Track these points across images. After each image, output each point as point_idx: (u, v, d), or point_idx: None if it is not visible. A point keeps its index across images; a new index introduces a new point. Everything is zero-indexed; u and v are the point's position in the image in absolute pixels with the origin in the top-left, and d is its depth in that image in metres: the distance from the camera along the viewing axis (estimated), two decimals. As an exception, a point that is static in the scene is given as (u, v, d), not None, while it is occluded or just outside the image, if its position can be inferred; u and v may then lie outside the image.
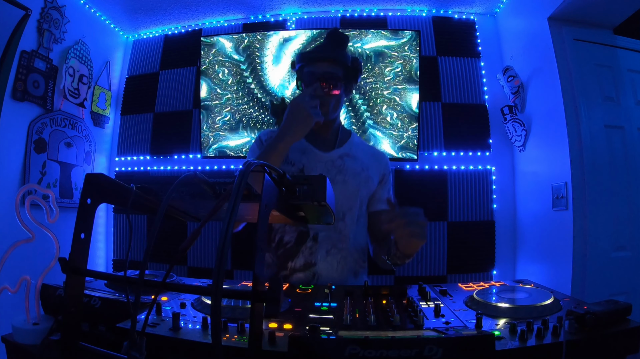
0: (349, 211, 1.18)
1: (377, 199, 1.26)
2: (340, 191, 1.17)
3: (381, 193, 1.26)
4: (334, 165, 1.20)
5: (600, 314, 0.62)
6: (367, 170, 1.22)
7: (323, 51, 1.19)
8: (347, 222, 1.18)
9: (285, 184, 0.53)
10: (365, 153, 1.27)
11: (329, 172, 1.18)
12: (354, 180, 1.18)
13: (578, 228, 1.77)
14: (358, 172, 1.20)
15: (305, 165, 1.19)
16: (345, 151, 1.23)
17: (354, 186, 1.18)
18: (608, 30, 1.98)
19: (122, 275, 0.51)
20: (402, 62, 2.28)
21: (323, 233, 1.16)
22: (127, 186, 0.55)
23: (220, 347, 0.36)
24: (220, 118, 2.40)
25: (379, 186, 1.26)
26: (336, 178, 1.17)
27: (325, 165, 1.19)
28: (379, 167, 1.26)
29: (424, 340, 0.52)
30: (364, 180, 1.20)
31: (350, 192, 1.18)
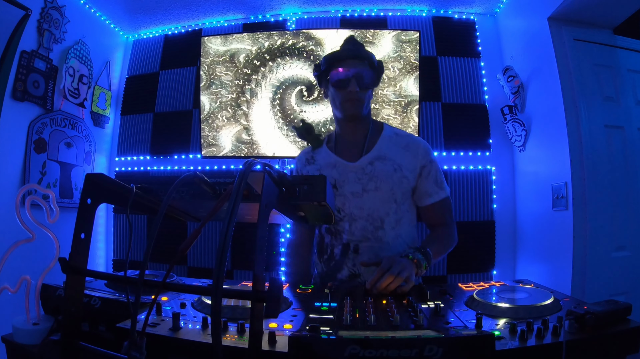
0: (387, 217, 1.16)
1: (423, 193, 1.20)
2: (374, 198, 1.15)
3: (425, 186, 1.20)
4: (365, 172, 1.17)
5: (600, 314, 0.62)
6: (401, 170, 1.17)
7: (351, 51, 1.19)
8: (387, 229, 1.16)
9: (285, 184, 0.52)
10: (397, 148, 1.20)
11: (361, 181, 1.17)
12: (386, 184, 1.16)
13: (578, 228, 1.77)
14: (390, 174, 1.17)
15: (336, 179, 1.19)
16: (375, 154, 1.19)
17: (387, 190, 1.16)
18: (608, 30, 1.98)
19: (122, 275, 0.51)
20: (402, 61, 2.28)
21: (363, 244, 1.15)
22: (127, 186, 0.55)
23: (220, 347, 0.36)
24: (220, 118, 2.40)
25: (421, 179, 1.20)
26: (368, 185, 1.16)
27: (355, 174, 1.18)
28: (414, 160, 1.19)
29: (424, 340, 0.52)
30: (397, 181, 1.16)
31: (385, 197, 1.16)
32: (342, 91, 1.15)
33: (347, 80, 1.13)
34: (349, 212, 1.16)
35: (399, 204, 1.18)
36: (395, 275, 0.90)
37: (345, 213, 1.17)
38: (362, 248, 1.15)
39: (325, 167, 1.22)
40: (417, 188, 1.21)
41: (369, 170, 1.18)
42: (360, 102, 1.16)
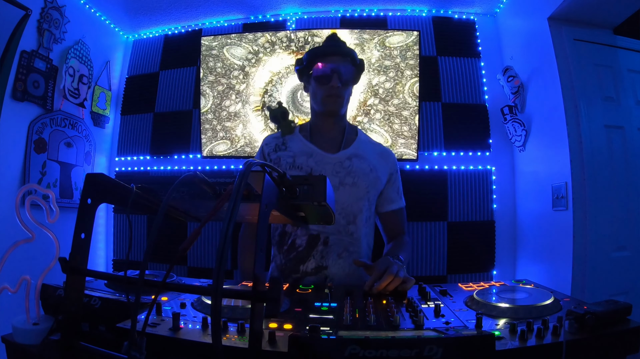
0: (360, 214, 1.17)
1: (386, 199, 1.25)
2: (351, 193, 1.16)
3: (390, 192, 1.25)
4: (342, 166, 1.19)
5: (600, 314, 0.62)
6: (376, 171, 1.21)
7: (334, 47, 1.20)
8: (359, 225, 1.17)
9: (286, 184, 0.52)
10: (372, 152, 1.25)
11: (338, 174, 1.17)
12: (363, 181, 1.17)
13: (578, 228, 1.77)
14: (367, 172, 1.19)
15: (313, 168, 1.18)
16: (352, 151, 1.22)
17: (363, 187, 1.17)
18: (608, 30, 1.98)
19: (122, 275, 0.51)
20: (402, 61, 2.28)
21: (334, 236, 1.15)
22: (127, 186, 0.55)
23: (220, 347, 0.36)
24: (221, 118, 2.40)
25: (387, 186, 1.25)
26: (345, 179, 1.17)
27: (333, 167, 1.18)
28: (387, 165, 1.25)
29: (424, 340, 0.52)
30: (372, 181, 1.19)
31: (360, 194, 1.17)
32: (324, 86, 1.17)
33: (329, 75, 1.15)
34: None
35: (370, 203, 1.21)
36: (394, 274, 0.90)
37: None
38: (331, 240, 1.15)
39: (300, 154, 1.21)
40: (382, 193, 1.25)
41: (347, 165, 1.19)
42: (340, 98, 1.18)
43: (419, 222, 2.27)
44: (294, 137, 1.26)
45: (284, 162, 1.21)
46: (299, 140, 1.25)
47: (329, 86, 1.16)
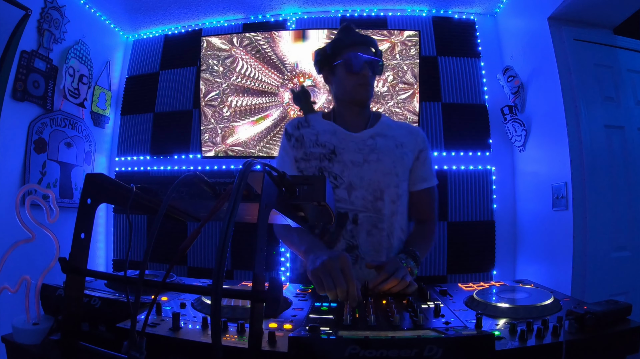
0: (387, 189, 1.15)
1: (417, 177, 1.22)
2: (376, 169, 1.15)
3: (421, 170, 1.23)
4: (366, 144, 1.17)
5: (600, 314, 0.62)
6: (402, 147, 1.19)
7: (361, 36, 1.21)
8: (386, 201, 1.15)
9: (285, 184, 0.52)
10: (398, 130, 1.24)
11: (362, 151, 1.16)
12: (388, 157, 1.16)
13: (578, 228, 1.77)
14: (392, 148, 1.18)
15: (336, 145, 1.17)
16: (376, 131, 1.21)
17: (389, 163, 1.16)
18: (608, 30, 1.98)
19: (122, 275, 0.51)
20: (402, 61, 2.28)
21: (363, 214, 1.13)
22: (127, 186, 0.55)
23: (220, 347, 0.36)
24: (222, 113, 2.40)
25: (417, 163, 1.22)
26: (370, 156, 1.16)
27: (356, 144, 1.17)
28: (415, 143, 1.22)
29: (424, 340, 0.52)
30: (399, 157, 1.18)
31: (386, 170, 1.15)
32: (355, 75, 1.16)
33: (361, 65, 1.15)
34: (348, 180, 1.14)
35: (400, 179, 1.18)
36: (399, 279, 0.90)
37: (344, 181, 1.15)
38: (360, 218, 1.13)
39: (324, 132, 1.20)
40: (413, 171, 1.22)
41: (370, 143, 1.18)
42: (371, 86, 1.18)
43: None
44: (316, 117, 1.26)
45: (307, 139, 1.20)
46: (322, 121, 1.25)
47: (361, 74, 1.15)
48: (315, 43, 2.31)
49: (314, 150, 1.18)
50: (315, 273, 0.81)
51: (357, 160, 1.15)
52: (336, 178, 1.15)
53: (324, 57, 1.22)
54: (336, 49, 1.20)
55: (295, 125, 1.25)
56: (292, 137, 1.23)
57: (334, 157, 1.16)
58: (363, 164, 1.15)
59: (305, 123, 1.25)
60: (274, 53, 2.36)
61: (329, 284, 0.78)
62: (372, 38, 1.23)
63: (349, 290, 0.77)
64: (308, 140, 1.20)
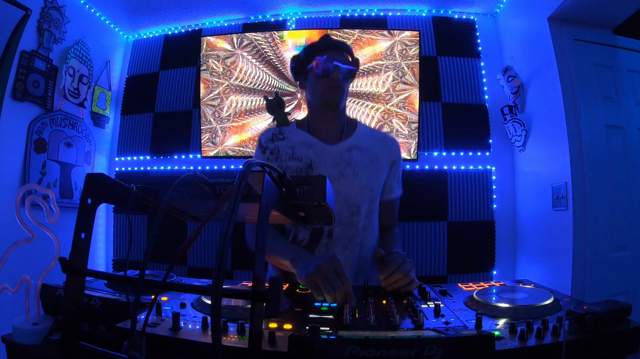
0: (363, 204, 1.16)
1: (388, 187, 1.24)
2: (353, 184, 1.15)
3: (391, 181, 1.24)
4: (342, 158, 1.18)
5: (600, 314, 0.62)
6: (377, 160, 1.20)
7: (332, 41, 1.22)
8: (362, 216, 1.16)
9: (286, 184, 0.52)
10: (373, 141, 1.24)
11: (338, 166, 1.16)
12: (364, 172, 1.17)
13: (578, 228, 1.77)
14: (367, 163, 1.18)
15: (312, 159, 1.17)
16: (352, 143, 1.21)
17: (364, 178, 1.16)
18: (608, 30, 1.98)
19: (122, 275, 0.51)
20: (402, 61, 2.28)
21: (338, 228, 1.14)
22: (127, 186, 0.55)
23: (220, 347, 0.36)
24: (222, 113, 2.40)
25: (390, 174, 1.24)
26: (346, 170, 1.16)
27: (333, 158, 1.17)
28: (390, 154, 1.24)
29: (424, 340, 0.52)
30: (374, 172, 1.19)
31: (362, 184, 1.16)
32: (324, 79, 1.16)
33: (330, 67, 1.15)
34: None
35: (374, 194, 1.19)
36: (406, 272, 0.90)
37: None
38: (335, 232, 1.14)
39: (300, 145, 1.19)
40: (386, 181, 1.24)
41: (346, 157, 1.18)
42: (341, 90, 1.17)
43: (419, 222, 2.27)
44: (291, 129, 1.26)
45: (283, 152, 1.20)
46: (296, 131, 1.24)
47: (329, 78, 1.15)
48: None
49: (290, 164, 1.17)
50: (311, 278, 0.81)
51: (334, 175, 1.15)
52: None
53: (298, 63, 1.23)
54: (309, 54, 1.20)
55: (270, 137, 1.24)
56: (266, 150, 1.22)
57: (310, 172, 1.16)
58: (340, 179, 1.15)
59: (279, 135, 1.24)
60: (274, 53, 2.36)
61: (327, 287, 0.78)
62: (346, 45, 1.23)
63: (346, 289, 0.77)
64: (284, 154, 1.19)
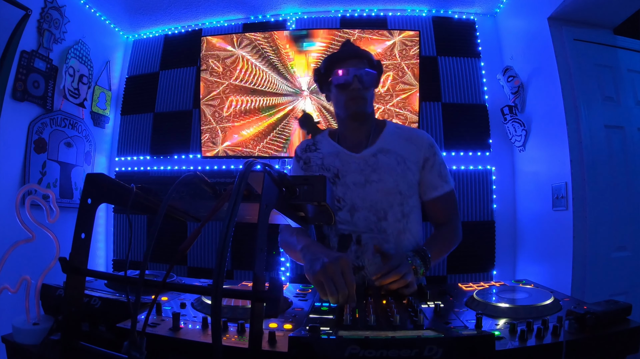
0: (391, 209, 1.15)
1: (427, 186, 1.20)
2: (378, 189, 1.15)
3: (429, 179, 1.20)
4: (368, 164, 1.17)
5: (600, 314, 0.62)
6: (405, 162, 1.18)
7: (351, 50, 1.21)
8: (390, 220, 1.14)
9: (286, 184, 0.52)
10: (399, 142, 1.21)
11: (363, 172, 1.16)
12: (390, 176, 1.15)
13: (578, 228, 1.77)
14: (393, 166, 1.16)
15: (339, 169, 1.18)
16: (378, 147, 1.20)
17: (391, 183, 1.15)
18: (608, 30, 1.98)
19: (122, 275, 0.51)
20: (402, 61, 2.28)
21: (366, 234, 1.13)
22: (127, 186, 0.55)
23: (220, 347, 0.36)
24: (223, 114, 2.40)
25: (425, 172, 1.20)
26: (371, 177, 1.15)
27: (358, 166, 1.17)
28: (418, 152, 1.20)
29: (424, 340, 0.52)
30: (401, 174, 1.16)
31: (388, 189, 1.15)
32: (345, 90, 1.16)
33: (349, 79, 1.15)
34: (351, 202, 1.15)
35: (404, 196, 1.16)
36: (401, 274, 0.90)
37: (346, 203, 1.15)
38: (364, 239, 1.13)
39: (328, 155, 1.22)
40: (422, 181, 1.20)
41: (372, 162, 1.17)
42: (363, 99, 1.16)
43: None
44: (323, 139, 1.27)
45: (314, 163, 1.22)
46: (327, 142, 1.26)
47: (350, 89, 1.15)
48: (315, 43, 2.30)
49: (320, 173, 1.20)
50: (317, 277, 0.81)
51: (359, 181, 1.15)
52: (339, 201, 1.16)
53: (319, 76, 1.23)
54: (328, 66, 1.20)
55: (304, 149, 1.28)
56: (300, 160, 1.26)
57: (337, 181, 1.17)
58: (365, 185, 1.15)
59: (313, 147, 1.27)
60: (274, 53, 2.36)
61: (332, 289, 0.78)
62: (365, 51, 1.22)
63: (350, 293, 0.77)
64: (314, 164, 1.22)
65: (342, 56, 1.19)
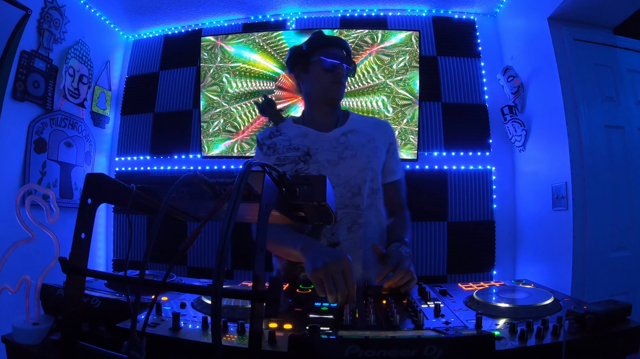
0: (364, 184, 1.16)
1: (387, 170, 1.25)
2: (351, 165, 1.16)
3: (390, 163, 1.26)
4: (339, 142, 1.19)
5: (600, 314, 0.62)
6: (374, 141, 1.22)
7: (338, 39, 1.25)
8: (364, 195, 1.16)
9: (286, 184, 0.52)
10: (367, 125, 1.26)
11: (335, 149, 1.18)
12: (362, 152, 1.18)
13: (578, 228, 1.77)
14: (364, 143, 1.20)
15: (309, 147, 1.18)
16: (347, 128, 1.23)
17: (363, 158, 1.17)
18: (608, 30, 1.98)
19: (122, 275, 0.51)
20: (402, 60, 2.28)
21: (341, 211, 1.14)
22: (127, 186, 0.55)
23: (220, 347, 0.36)
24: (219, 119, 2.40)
25: (389, 156, 1.25)
26: (344, 153, 1.17)
27: (330, 143, 1.19)
28: (385, 136, 1.26)
29: (424, 340, 0.52)
30: (372, 151, 1.20)
31: (361, 165, 1.17)
32: (330, 73, 1.19)
33: (337, 63, 1.19)
34: None
35: (375, 173, 1.20)
36: (405, 270, 0.90)
37: None
38: (339, 215, 1.14)
39: (295, 137, 1.22)
40: (385, 164, 1.25)
41: (343, 140, 1.20)
42: (343, 86, 1.22)
43: (419, 222, 2.27)
44: (287, 124, 1.28)
45: (280, 145, 1.22)
46: (292, 126, 1.26)
47: (334, 73, 1.19)
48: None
49: (288, 154, 1.19)
50: (317, 274, 0.81)
51: (332, 159, 1.17)
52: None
53: (300, 54, 1.24)
54: (312, 47, 1.22)
55: (267, 135, 1.27)
56: (263, 146, 1.25)
57: (309, 159, 1.17)
58: (338, 162, 1.17)
59: (276, 133, 1.26)
60: (274, 53, 2.36)
61: (331, 288, 0.78)
62: (347, 43, 1.27)
63: (350, 293, 0.77)
64: (281, 147, 1.22)
65: (329, 41, 1.23)
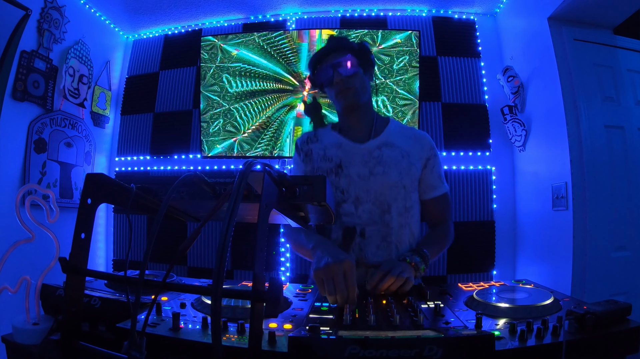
0: (395, 202, 1.14)
1: (427, 186, 1.21)
2: (382, 182, 1.14)
3: (429, 179, 1.21)
4: (372, 156, 1.16)
5: (600, 314, 0.62)
6: (409, 157, 1.18)
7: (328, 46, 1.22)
8: (394, 214, 1.14)
9: (286, 184, 0.52)
10: (405, 138, 1.22)
11: (367, 164, 1.16)
12: (394, 169, 1.15)
13: (578, 228, 1.76)
14: (398, 160, 1.16)
15: (342, 159, 1.17)
16: (382, 140, 1.19)
17: (395, 176, 1.15)
18: (608, 30, 1.98)
19: (122, 275, 0.51)
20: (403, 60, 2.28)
21: (370, 227, 1.13)
22: (127, 186, 0.55)
23: (220, 347, 0.36)
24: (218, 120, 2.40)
25: (426, 171, 1.21)
26: (376, 169, 1.15)
27: (362, 157, 1.17)
28: (422, 151, 1.21)
29: (424, 340, 0.52)
30: (405, 169, 1.16)
31: (392, 182, 1.14)
32: (331, 86, 1.17)
33: (329, 74, 1.15)
34: (355, 194, 1.14)
35: (408, 191, 1.17)
36: (396, 276, 0.90)
37: (351, 194, 1.14)
38: (368, 231, 1.13)
39: (330, 146, 1.21)
40: (422, 179, 1.21)
41: (376, 154, 1.17)
42: (350, 89, 1.15)
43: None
44: (326, 131, 1.27)
45: (316, 153, 1.21)
46: (329, 133, 1.25)
47: (334, 83, 1.16)
48: (315, 43, 2.30)
49: (321, 165, 1.19)
50: (318, 274, 0.82)
51: (363, 174, 1.15)
52: (343, 192, 1.15)
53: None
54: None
55: (305, 140, 1.27)
56: (301, 152, 1.25)
57: (340, 171, 1.16)
58: (369, 177, 1.15)
59: (314, 138, 1.26)
60: (275, 53, 2.36)
61: (330, 288, 0.78)
62: (345, 40, 1.21)
63: (349, 295, 0.77)
64: (316, 155, 1.21)
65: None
